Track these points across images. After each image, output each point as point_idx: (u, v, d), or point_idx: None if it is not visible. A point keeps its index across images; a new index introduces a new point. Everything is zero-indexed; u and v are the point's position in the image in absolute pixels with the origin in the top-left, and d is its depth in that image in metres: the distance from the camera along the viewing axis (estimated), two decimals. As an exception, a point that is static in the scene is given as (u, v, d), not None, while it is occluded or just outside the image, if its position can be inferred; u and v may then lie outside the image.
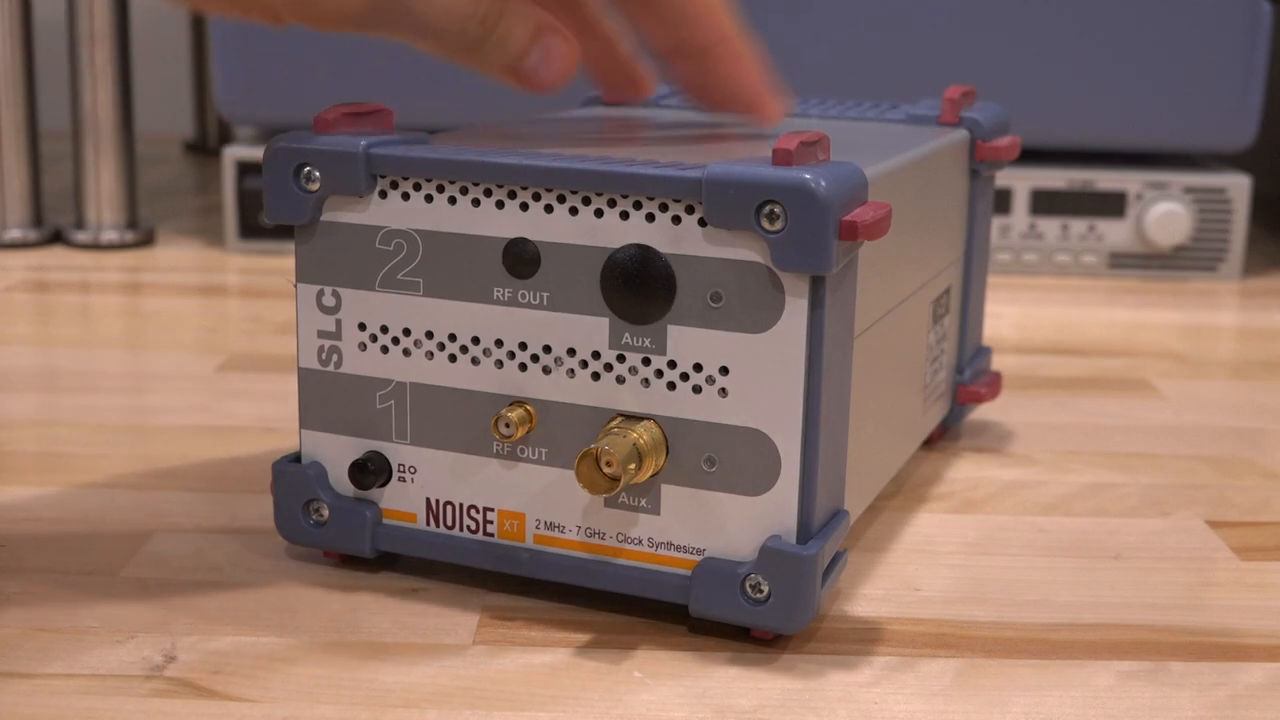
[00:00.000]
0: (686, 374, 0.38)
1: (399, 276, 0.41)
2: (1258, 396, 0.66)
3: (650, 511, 0.40)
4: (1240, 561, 0.46)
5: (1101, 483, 0.53)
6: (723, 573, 0.39)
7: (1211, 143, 0.90)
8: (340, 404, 0.42)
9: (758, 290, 0.37)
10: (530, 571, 0.41)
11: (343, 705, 0.36)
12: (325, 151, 0.41)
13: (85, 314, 0.76)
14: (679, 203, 0.38)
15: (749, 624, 0.39)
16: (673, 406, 0.39)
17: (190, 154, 1.41)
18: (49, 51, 1.22)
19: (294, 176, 0.41)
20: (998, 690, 0.38)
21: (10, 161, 0.93)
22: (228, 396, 0.61)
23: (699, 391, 0.38)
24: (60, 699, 0.36)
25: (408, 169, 0.40)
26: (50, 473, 0.51)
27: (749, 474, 0.38)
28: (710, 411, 0.38)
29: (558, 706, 0.36)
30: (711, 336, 0.38)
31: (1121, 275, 0.91)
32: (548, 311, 0.39)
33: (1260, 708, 0.37)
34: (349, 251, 0.41)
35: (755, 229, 0.37)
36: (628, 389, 0.39)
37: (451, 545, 0.42)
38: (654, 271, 0.38)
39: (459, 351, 0.41)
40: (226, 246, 0.92)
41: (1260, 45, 0.87)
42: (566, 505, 0.40)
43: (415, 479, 0.42)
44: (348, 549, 0.43)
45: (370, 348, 0.42)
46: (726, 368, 0.38)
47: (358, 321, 0.42)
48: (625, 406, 0.39)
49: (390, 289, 0.41)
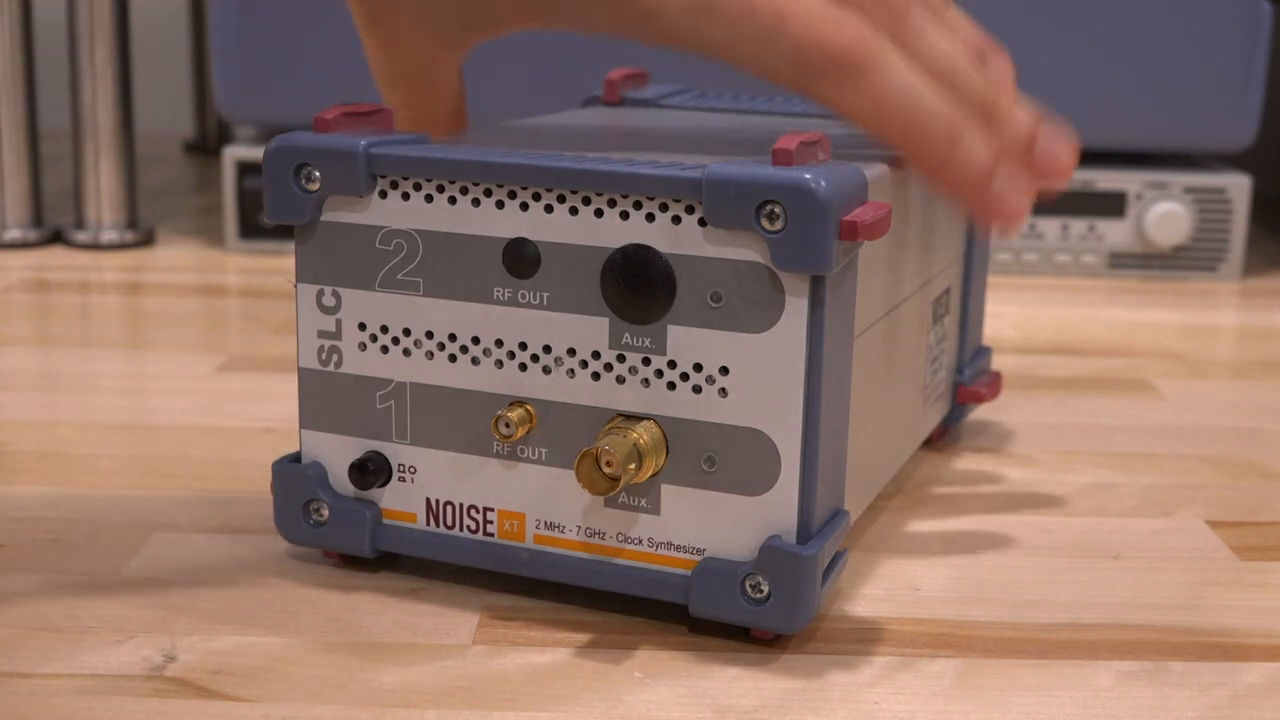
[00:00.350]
0: (686, 374, 0.38)
1: (399, 276, 0.41)
2: (1258, 396, 0.66)
3: (650, 511, 0.40)
4: (1240, 561, 0.46)
5: (1101, 483, 0.53)
6: (723, 573, 0.39)
7: (1211, 143, 0.90)
8: (340, 404, 0.42)
9: (758, 290, 0.37)
10: (530, 571, 0.41)
11: (343, 705, 0.36)
12: (325, 151, 0.41)
13: (85, 314, 0.76)
14: (679, 203, 0.38)
15: (749, 624, 0.39)
16: (673, 406, 0.39)
17: (190, 154, 1.41)
18: (49, 51, 1.22)
19: (294, 176, 0.41)
20: (998, 690, 0.38)
21: (10, 161, 0.93)
22: (228, 396, 0.61)
23: (699, 391, 0.38)
24: (60, 699, 0.36)
25: (408, 169, 0.40)
26: (50, 473, 0.51)
27: (749, 474, 0.38)
28: (710, 411, 0.38)
29: (558, 706, 0.36)
30: (711, 336, 0.38)
31: (1121, 275, 0.91)
32: (548, 311, 0.39)
33: (1260, 708, 0.37)
34: (349, 251, 0.41)
35: (755, 229, 0.37)
36: (627, 389, 0.39)
37: (451, 545, 0.42)
38: (654, 271, 0.38)
39: (459, 351, 0.41)
40: (226, 246, 0.92)
41: (1260, 45, 0.87)
42: (566, 505, 0.40)
43: (415, 479, 0.42)
44: (348, 549, 0.43)
45: (370, 348, 0.42)
46: (726, 368, 0.38)
47: (358, 321, 0.42)
48: (625, 406, 0.39)
49: (390, 289, 0.41)
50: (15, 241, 0.93)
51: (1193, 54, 0.88)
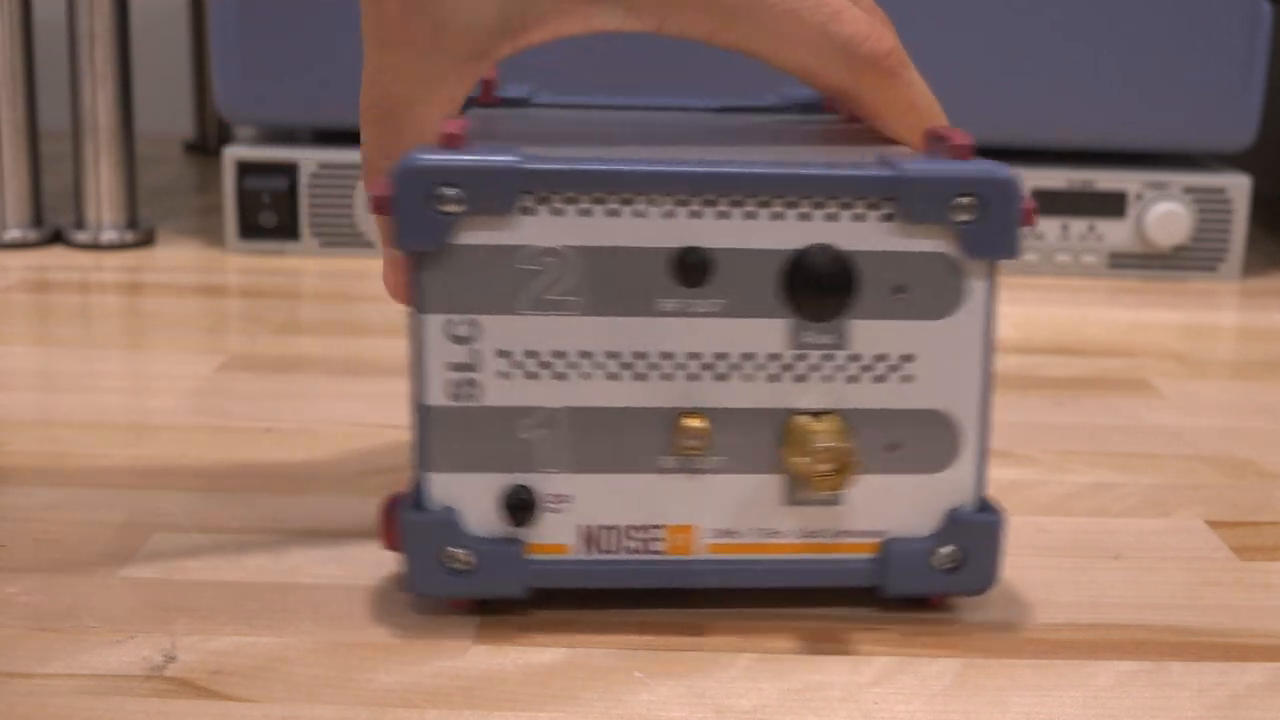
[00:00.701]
0: (869, 365, 0.40)
1: (548, 297, 0.39)
2: (1258, 396, 0.66)
3: (828, 503, 0.40)
4: (1240, 561, 0.46)
5: (1101, 483, 0.53)
6: (911, 550, 0.40)
7: (1211, 143, 0.90)
8: (478, 440, 0.40)
9: (941, 278, 0.39)
10: (705, 582, 0.41)
11: (343, 705, 0.36)
12: (472, 169, 0.38)
13: (85, 314, 0.76)
14: (862, 200, 0.39)
15: (944, 592, 0.41)
16: (855, 398, 0.40)
17: (190, 154, 1.41)
18: (49, 51, 1.22)
19: (430, 198, 0.38)
20: (998, 690, 0.38)
21: (10, 161, 0.93)
22: (228, 396, 0.61)
23: (882, 380, 0.40)
24: (60, 699, 0.36)
25: (570, 184, 0.38)
26: (50, 473, 0.51)
27: (931, 453, 0.40)
28: (893, 399, 0.40)
29: (558, 706, 0.36)
30: (894, 326, 0.40)
31: (1121, 275, 0.91)
32: (722, 319, 0.39)
33: (1260, 708, 0.37)
34: (489, 275, 0.38)
35: (946, 222, 0.39)
36: (808, 387, 0.40)
37: (612, 571, 0.40)
38: (838, 269, 0.39)
39: (620, 368, 0.39)
40: (226, 246, 0.92)
41: (1260, 45, 0.87)
42: (740, 510, 0.40)
43: (569, 508, 0.40)
44: (498, 593, 0.40)
45: (515, 375, 0.39)
46: (910, 355, 0.40)
47: (498, 349, 0.39)
48: (805, 404, 0.40)
49: (538, 311, 0.39)
50: (15, 241, 0.93)
51: (1193, 54, 0.88)
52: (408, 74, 0.41)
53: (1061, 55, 0.88)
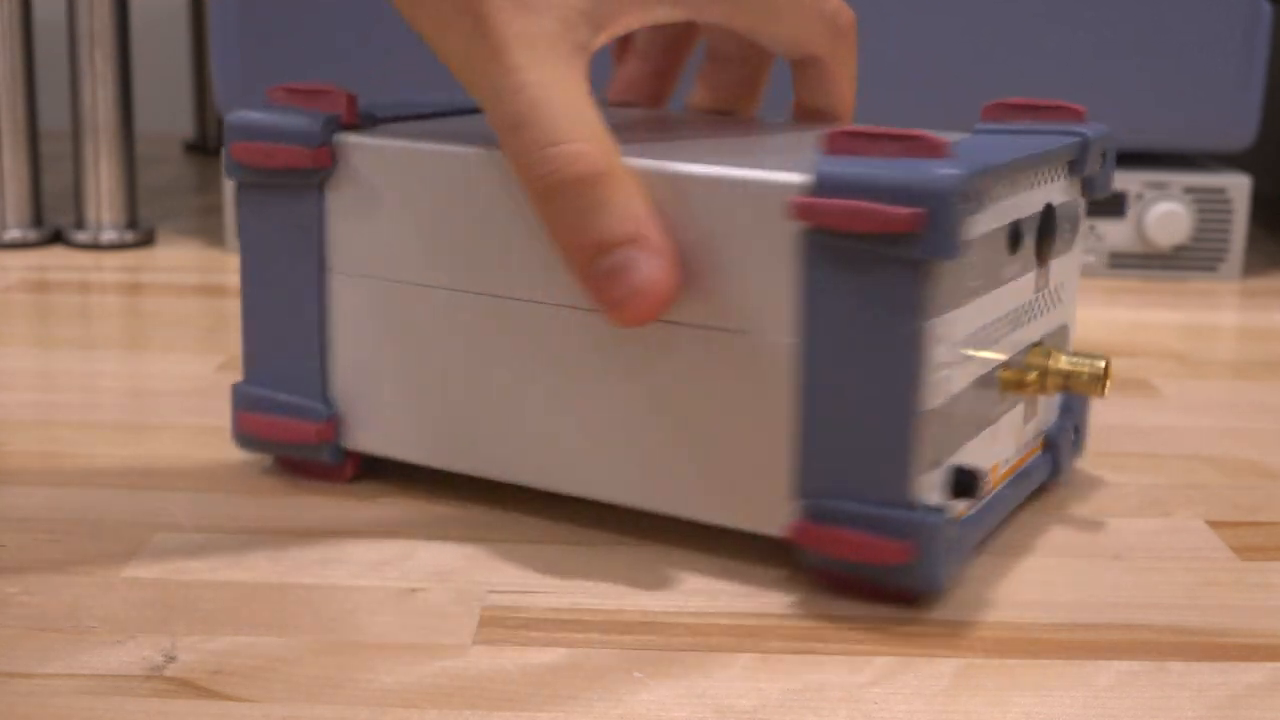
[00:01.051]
0: (1058, 295, 0.49)
1: (968, 284, 0.41)
2: (1258, 396, 0.66)
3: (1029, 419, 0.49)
4: (1240, 561, 0.46)
5: (1101, 483, 0.53)
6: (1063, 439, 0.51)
7: (1211, 143, 0.90)
8: (947, 433, 0.42)
9: (1078, 220, 0.50)
10: (1009, 506, 0.47)
11: (343, 705, 0.36)
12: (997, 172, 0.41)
13: (85, 314, 0.76)
14: (1063, 164, 0.47)
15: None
16: (1047, 323, 0.48)
17: (190, 154, 1.41)
18: (49, 51, 1.22)
19: (961, 210, 0.39)
20: (998, 690, 0.38)
21: (10, 161, 0.93)
22: (228, 396, 0.61)
23: (1057, 305, 0.49)
24: (60, 699, 0.36)
25: (996, 179, 0.42)
26: (50, 473, 0.51)
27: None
28: (1059, 317, 0.50)
29: (558, 706, 0.36)
30: (1063, 262, 0.49)
31: (1121, 275, 0.91)
32: (1019, 280, 0.45)
33: (1260, 708, 0.37)
34: (957, 270, 0.40)
35: (1086, 177, 0.49)
36: (1041, 321, 0.48)
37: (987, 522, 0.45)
38: (1057, 221, 0.47)
39: (989, 341, 0.44)
40: (226, 246, 0.92)
41: (1260, 45, 0.87)
42: (1011, 439, 0.47)
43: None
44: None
45: (960, 365, 0.42)
46: (1063, 282, 0.49)
47: (955, 343, 0.41)
48: (1037, 335, 0.47)
49: (964, 300, 0.41)
50: (15, 241, 0.93)
51: (1193, 54, 0.88)
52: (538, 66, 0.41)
53: (1062, 55, 0.88)
